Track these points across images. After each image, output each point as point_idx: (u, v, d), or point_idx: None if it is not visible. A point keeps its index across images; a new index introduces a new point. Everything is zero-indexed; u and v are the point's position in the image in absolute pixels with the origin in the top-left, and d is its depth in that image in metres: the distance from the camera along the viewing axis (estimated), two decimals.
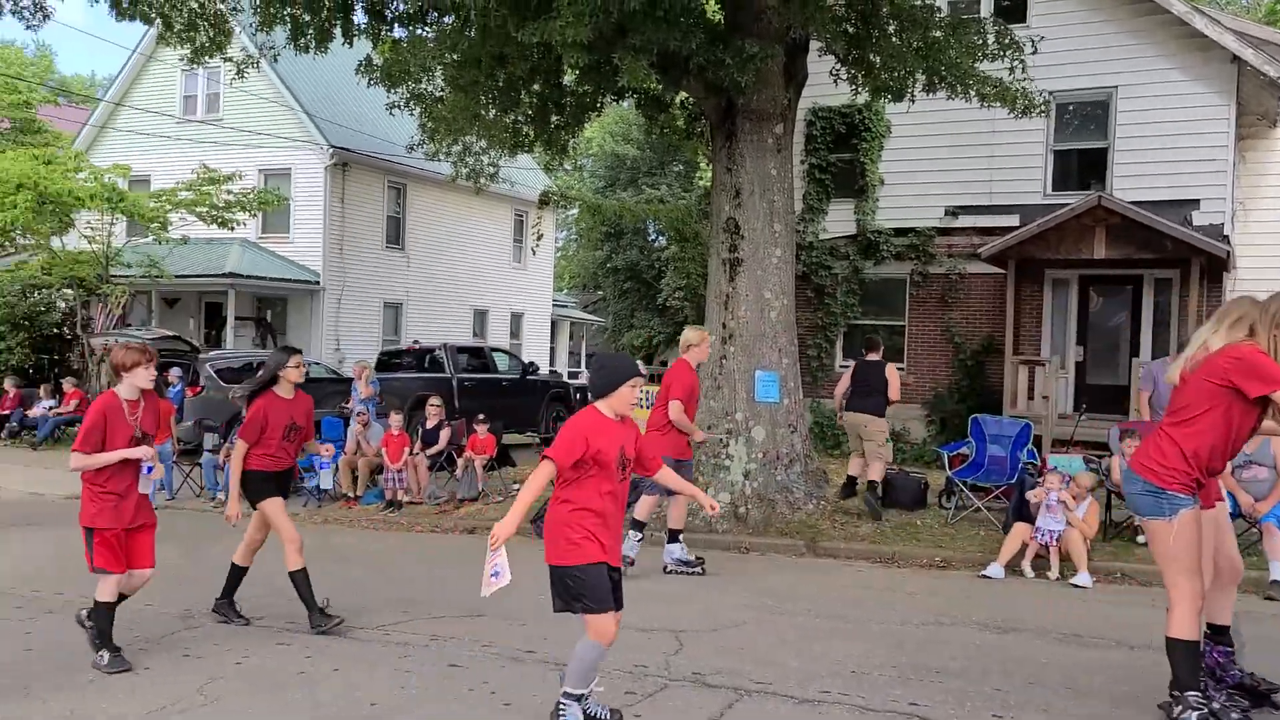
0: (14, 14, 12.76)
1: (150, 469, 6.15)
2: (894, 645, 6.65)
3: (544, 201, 19.94)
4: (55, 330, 20.37)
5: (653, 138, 32.36)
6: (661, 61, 10.39)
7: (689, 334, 8.92)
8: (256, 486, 6.91)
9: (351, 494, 12.72)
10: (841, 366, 16.70)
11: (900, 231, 16.73)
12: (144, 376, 6.13)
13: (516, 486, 13.04)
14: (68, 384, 18.23)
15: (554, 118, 12.92)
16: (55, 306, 20.52)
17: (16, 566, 8.89)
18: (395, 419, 12.75)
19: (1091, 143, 15.91)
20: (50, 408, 17.88)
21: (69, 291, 19.88)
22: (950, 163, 16.28)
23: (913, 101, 12.06)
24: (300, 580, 6.88)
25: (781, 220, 11.23)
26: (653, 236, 40.01)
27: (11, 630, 6.90)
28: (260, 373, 7.11)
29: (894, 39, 11.08)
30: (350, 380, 15.48)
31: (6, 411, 18.16)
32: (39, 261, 19.64)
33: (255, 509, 7.00)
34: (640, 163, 40.00)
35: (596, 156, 43.47)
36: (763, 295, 11.05)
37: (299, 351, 7.23)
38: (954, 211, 16.46)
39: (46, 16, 12.82)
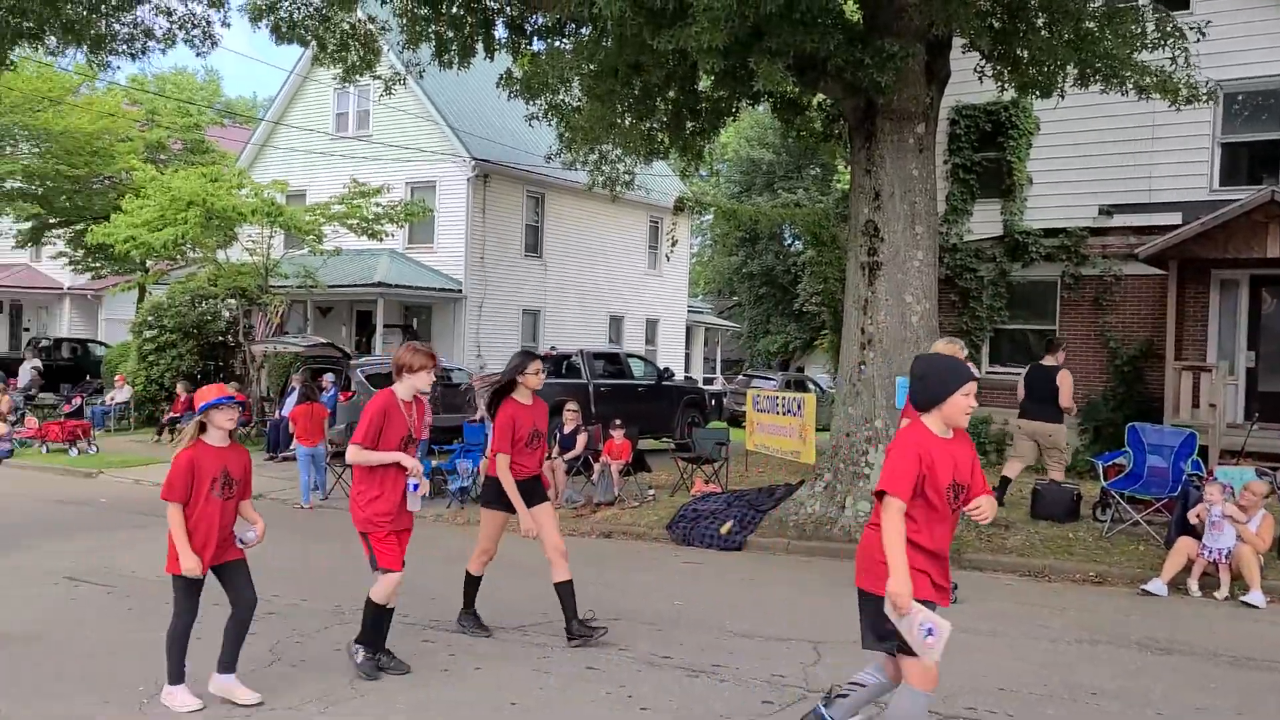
0: (186, 42, 13.64)
1: (416, 486, 5.97)
2: (1045, 663, 6.35)
3: (679, 207, 20.01)
4: (220, 338, 21.62)
5: (789, 141, 32.12)
6: (798, 64, 10.27)
7: None
8: (495, 495, 6.73)
9: None
10: (989, 372, 16.12)
11: (1050, 232, 16.03)
12: (425, 380, 6.00)
13: (652, 492, 13.10)
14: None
15: (689, 124, 12.95)
16: (220, 315, 21.79)
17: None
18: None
19: (1264, 134, 14.88)
20: None
21: (232, 301, 21.08)
22: (1104, 159, 15.49)
23: (1062, 97, 11.55)
24: (565, 592, 6.69)
25: (923, 222, 10.93)
26: (789, 241, 39.63)
27: None
28: (500, 379, 6.83)
29: (1043, 32, 10.64)
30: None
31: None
32: (206, 274, 20.90)
33: (486, 514, 6.88)
34: (776, 166, 39.70)
35: (732, 161, 43.38)
36: (903, 299, 10.77)
37: (539, 356, 6.99)
38: (1108, 210, 15.67)
39: (214, 44, 13.66)
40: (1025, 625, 7.41)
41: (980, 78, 11.81)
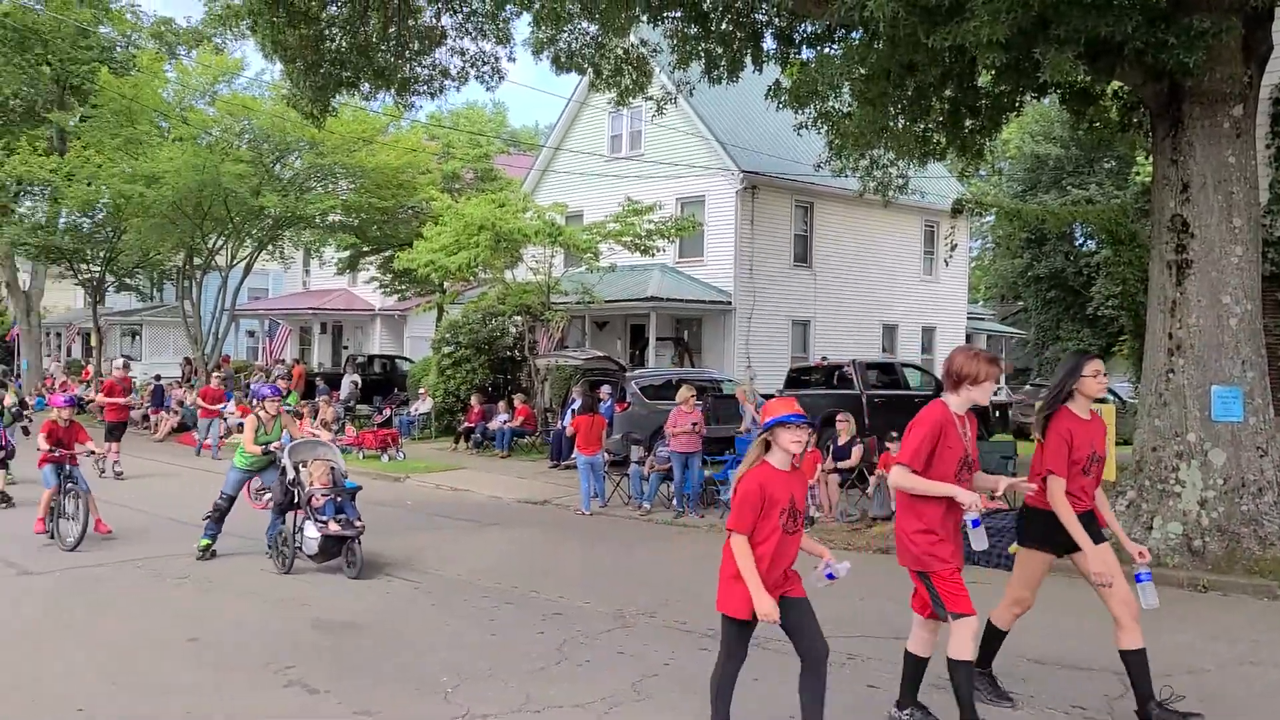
0: (477, 79, 14.72)
1: (977, 522, 4.98)
2: None
3: (957, 210, 19.15)
4: (508, 353, 23.06)
5: (1079, 134, 29.76)
6: (1089, 51, 9.53)
7: None
8: (1044, 531, 5.47)
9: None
10: None
11: None
12: (986, 393, 5.08)
13: None
14: (517, 400, 20.58)
15: (967, 122, 12.36)
16: (508, 331, 23.24)
17: (480, 560, 10.12)
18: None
19: None
20: (504, 421, 20.28)
21: (518, 318, 22.44)
22: None
23: None
24: (1137, 663, 5.36)
25: (1242, 214, 9.80)
26: (1080, 241, 36.92)
27: (478, 617, 7.85)
28: (1052, 386, 5.62)
29: None
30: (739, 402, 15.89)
31: (471, 425, 20.85)
32: (495, 293, 22.38)
33: (1025, 555, 5.65)
34: (1064, 162, 37.10)
35: (1015, 159, 41.01)
36: (1219, 300, 9.70)
37: (1099, 356, 5.91)
38: None
39: (502, 78, 14.65)
40: None
41: None
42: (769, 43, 12.47)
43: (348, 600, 8.35)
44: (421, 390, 24.26)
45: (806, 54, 12.82)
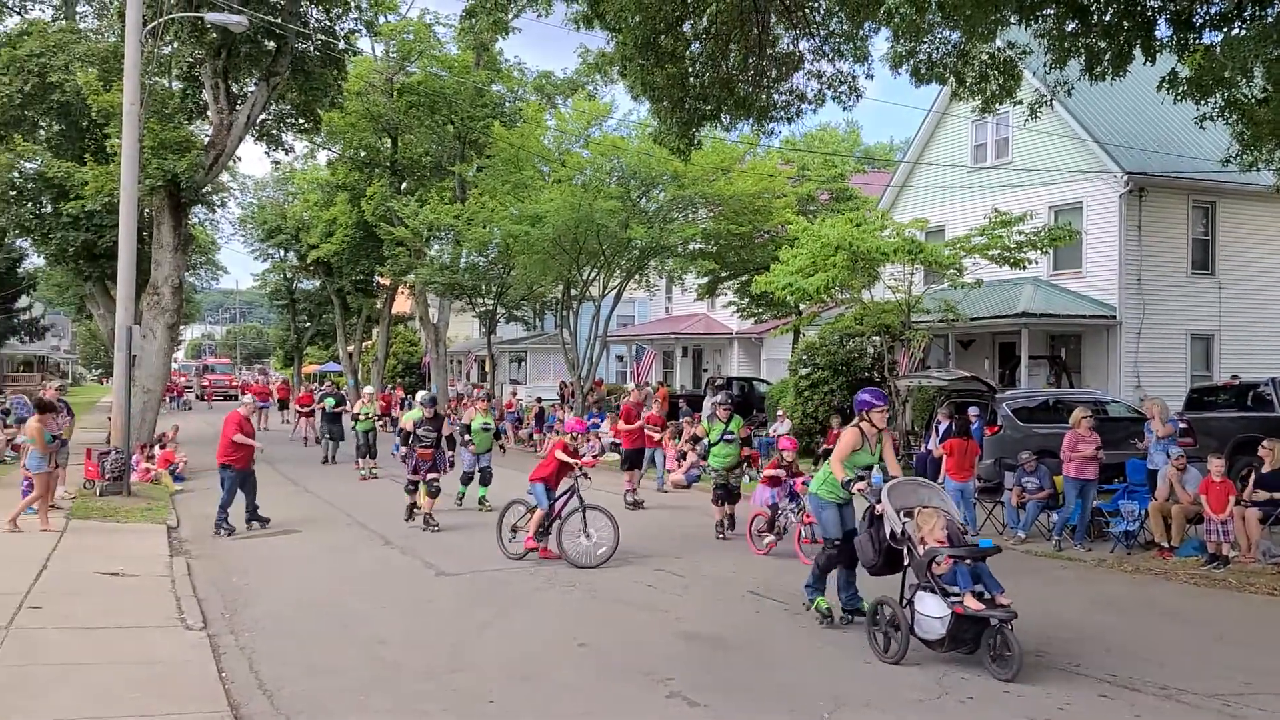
0: (834, 99, 14.72)
1: None
2: None
3: None
4: (866, 373, 22.63)
5: None
6: None
7: None
8: None
9: (1165, 543, 11.66)
10: None
11: None
12: None
13: None
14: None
15: None
16: (866, 352, 22.84)
17: None
18: (1215, 464, 11.37)
19: None
20: None
21: (876, 339, 21.98)
22: None
23: None
24: None
25: None
26: None
27: (851, 644, 7.69)
28: None
29: None
30: (1145, 419, 14.35)
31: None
32: (853, 313, 22.10)
33: None
34: None
35: None
36: None
37: None
38: None
39: (859, 96, 14.52)
40: None
41: None
42: (1162, 30, 11.29)
43: (717, 615, 8.55)
44: (780, 412, 24.50)
45: (1210, 38, 11.47)
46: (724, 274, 30.86)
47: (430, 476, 13.47)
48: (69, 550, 10.99)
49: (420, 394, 17.60)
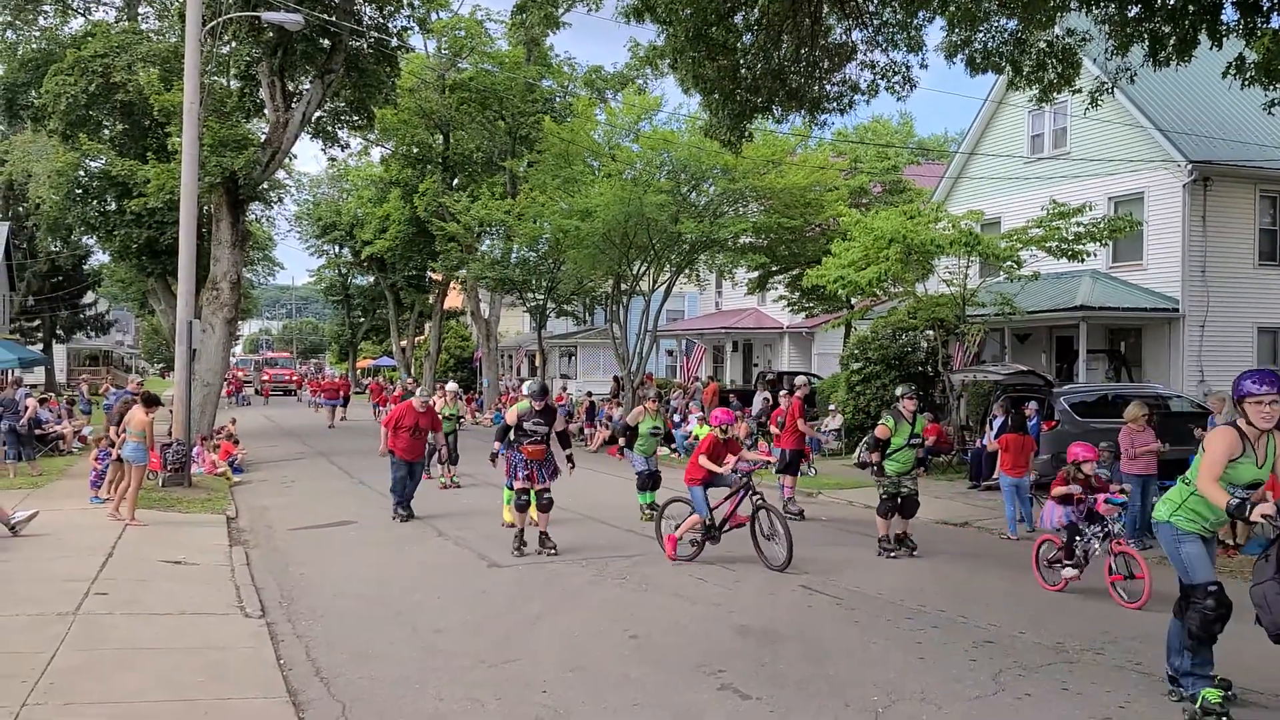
0: (887, 90, 14.50)
1: None
2: None
3: None
4: (920, 368, 22.37)
5: None
6: None
7: None
8: None
9: (1230, 541, 11.38)
10: None
11: None
12: None
13: None
14: (924, 418, 19.78)
15: None
16: (919, 346, 22.57)
17: (901, 580, 9.84)
18: None
19: None
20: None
21: (930, 333, 21.70)
22: None
23: None
24: None
25: None
26: None
27: (904, 638, 7.62)
28: None
29: None
30: (1209, 414, 14.01)
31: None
32: (906, 307, 21.84)
33: None
34: None
35: None
36: None
37: None
38: None
39: (913, 87, 14.30)
40: None
41: None
42: (1229, 14, 10.99)
43: (769, 608, 8.51)
44: (832, 407, 24.32)
45: (1277, 22, 11.14)
46: (775, 268, 30.69)
47: (540, 488, 11.00)
48: (133, 539, 11.27)
49: (527, 383, 15.79)
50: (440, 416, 15.56)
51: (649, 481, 13.48)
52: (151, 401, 13.10)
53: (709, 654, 7.07)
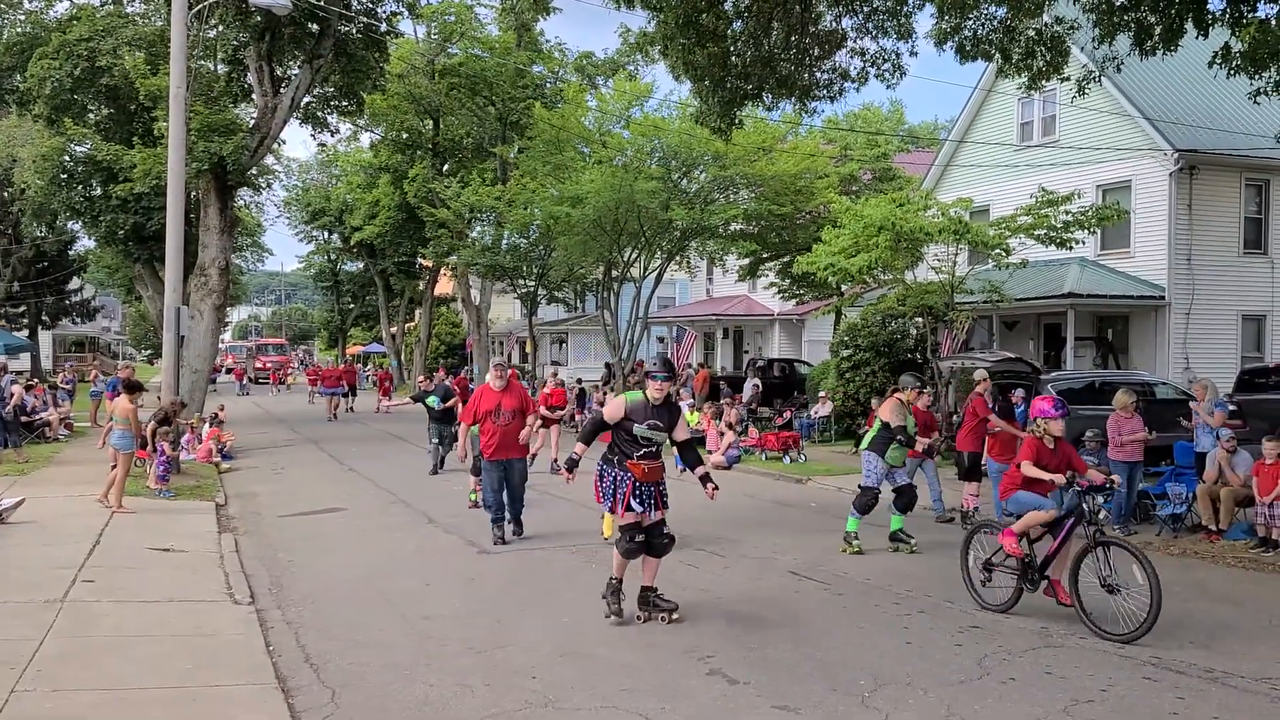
0: (877, 77, 14.50)
1: None
2: None
3: None
4: (909, 355, 22.45)
5: None
6: None
7: None
8: None
9: (1213, 526, 11.48)
10: None
11: None
12: None
13: None
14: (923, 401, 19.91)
15: None
16: (908, 334, 22.63)
17: (888, 565, 9.91)
18: (1270, 446, 11.12)
19: None
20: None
21: (919, 320, 21.77)
22: None
23: None
24: None
25: None
26: None
27: (891, 623, 7.69)
28: None
29: None
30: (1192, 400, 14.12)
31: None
32: (895, 294, 21.88)
33: None
34: None
35: None
36: None
37: None
38: None
39: (903, 74, 14.31)
40: None
41: None
42: (1215, 2, 11.03)
43: (758, 595, 8.56)
44: (821, 394, 24.37)
45: (1265, 11, 11.18)
46: (765, 255, 30.70)
47: (652, 523, 7.62)
48: (121, 526, 11.26)
49: (651, 359, 13.24)
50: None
51: (907, 500, 11.77)
52: (134, 388, 13.06)
53: (698, 639, 7.12)
